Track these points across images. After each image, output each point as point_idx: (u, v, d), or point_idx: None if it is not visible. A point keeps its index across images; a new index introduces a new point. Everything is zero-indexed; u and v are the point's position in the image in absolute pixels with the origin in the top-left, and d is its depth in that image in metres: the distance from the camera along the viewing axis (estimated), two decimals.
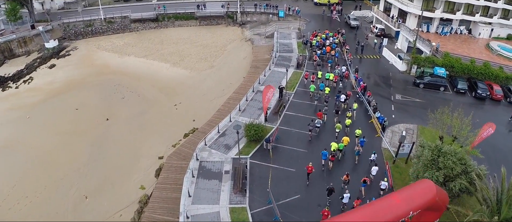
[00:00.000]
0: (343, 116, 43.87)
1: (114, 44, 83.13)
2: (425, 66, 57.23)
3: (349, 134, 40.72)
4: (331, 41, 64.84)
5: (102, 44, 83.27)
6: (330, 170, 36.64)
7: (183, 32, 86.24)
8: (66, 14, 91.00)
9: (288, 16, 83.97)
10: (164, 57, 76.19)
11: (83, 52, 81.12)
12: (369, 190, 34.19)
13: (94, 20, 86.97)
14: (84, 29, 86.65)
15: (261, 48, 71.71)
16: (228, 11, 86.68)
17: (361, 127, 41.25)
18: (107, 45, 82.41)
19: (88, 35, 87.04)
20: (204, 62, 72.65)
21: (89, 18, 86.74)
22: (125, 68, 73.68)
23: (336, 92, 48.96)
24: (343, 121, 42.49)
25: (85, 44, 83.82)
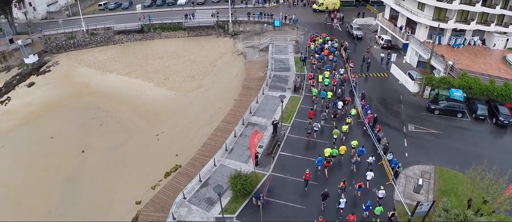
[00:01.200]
0: (341, 122, 43.79)
1: (97, 58, 78.01)
2: (439, 87, 50.48)
3: (345, 142, 40.40)
4: (330, 45, 62.90)
5: (84, 58, 78.35)
6: (326, 179, 36.26)
7: (170, 44, 79.83)
8: (48, 25, 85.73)
9: (284, 25, 77.38)
10: (148, 75, 70.05)
11: (63, 68, 76.38)
12: (365, 195, 34.57)
13: (76, 32, 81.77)
14: (66, 42, 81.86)
15: (255, 63, 65.21)
16: (218, 21, 79.89)
17: (357, 137, 40.82)
18: (89, 60, 77.41)
19: (70, 48, 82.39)
20: (191, 81, 66.22)
21: (70, 30, 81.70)
22: (106, 88, 68.64)
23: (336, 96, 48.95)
24: (341, 126, 42.10)
25: (66, 59, 79.20)
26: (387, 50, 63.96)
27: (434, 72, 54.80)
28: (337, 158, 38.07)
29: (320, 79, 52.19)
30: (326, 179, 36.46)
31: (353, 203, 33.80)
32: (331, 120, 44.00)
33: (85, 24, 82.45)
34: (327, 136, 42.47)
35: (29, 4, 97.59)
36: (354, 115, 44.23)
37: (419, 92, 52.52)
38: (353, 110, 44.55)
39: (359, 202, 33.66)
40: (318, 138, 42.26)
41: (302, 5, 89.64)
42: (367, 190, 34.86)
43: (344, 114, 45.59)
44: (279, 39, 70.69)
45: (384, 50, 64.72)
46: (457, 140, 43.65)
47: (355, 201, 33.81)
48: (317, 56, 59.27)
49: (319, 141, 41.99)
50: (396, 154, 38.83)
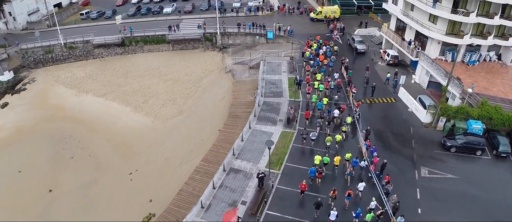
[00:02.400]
0: (337, 130, 43.16)
1: (74, 75, 72.70)
2: (456, 118, 43.61)
3: (338, 151, 39.59)
4: (325, 50, 60.45)
5: (62, 75, 73.19)
6: (318, 187, 35.53)
7: (153, 59, 73.26)
8: (27, 37, 79.45)
9: (278, 38, 70.42)
10: (126, 97, 64.14)
11: (40, 86, 71.55)
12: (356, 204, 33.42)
13: (54, 45, 75.91)
14: (44, 56, 76.41)
15: (243, 84, 58.60)
16: (205, 33, 72.92)
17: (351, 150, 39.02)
18: (66, 77, 72.25)
19: (48, 63, 77.00)
20: (172, 105, 59.73)
21: (48, 44, 75.87)
22: (80, 112, 63.40)
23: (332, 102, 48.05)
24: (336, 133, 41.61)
25: (43, 75, 74.20)
26: (393, 68, 57.03)
27: (447, 94, 47.97)
28: (331, 168, 37.20)
29: (316, 85, 49.92)
30: (318, 186, 35.82)
31: (343, 211, 32.79)
32: (326, 127, 42.91)
33: (63, 37, 76.45)
34: (321, 144, 40.70)
35: (9, 14, 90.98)
36: (349, 123, 43.08)
37: (432, 123, 45.55)
38: (348, 118, 43.21)
39: (348, 210, 32.80)
40: (314, 146, 40.85)
41: (298, 14, 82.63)
42: (360, 200, 33.93)
43: (340, 122, 44.56)
44: (272, 55, 63.82)
45: (390, 68, 57.81)
46: (478, 186, 37.19)
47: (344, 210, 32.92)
48: (311, 62, 56.76)
49: (316, 149, 40.14)
50: (407, 210, 32.43)
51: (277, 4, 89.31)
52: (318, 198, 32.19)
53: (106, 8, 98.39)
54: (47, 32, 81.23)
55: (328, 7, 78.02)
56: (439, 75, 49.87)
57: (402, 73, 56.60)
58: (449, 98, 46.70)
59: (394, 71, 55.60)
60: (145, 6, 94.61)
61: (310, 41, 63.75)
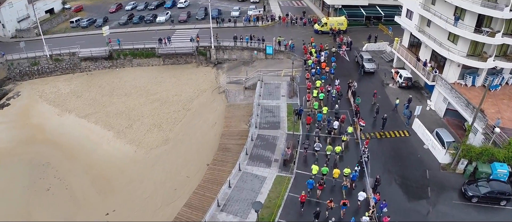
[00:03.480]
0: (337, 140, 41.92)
1: (59, 91, 68.33)
2: (479, 160, 37.32)
3: (338, 163, 38.74)
4: (325, 56, 59.26)
5: (47, 90, 69.00)
6: (317, 198, 34.56)
7: (142, 75, 67.83)
8: (14, 46, 74.99)
9: (278, 53, 64.26)
10: (109, 119, 59.22)
11: (23, 102, 67.76)
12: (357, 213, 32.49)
13: (40, 57, 71.62)
14: (30, 68, 72.47)
15: (238, 109, 52.82)
16: (199, 46, 67.00)
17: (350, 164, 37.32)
18: (51, 93, 67.99)
19: (34, 76, 73.15)
20: (158, 132, 54.17)
21: (34, 55, 71.62)
22: (61, 135, 58.58)
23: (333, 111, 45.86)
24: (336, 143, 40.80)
25: (29, 88, 70.44)
26: (406, 92, 50.99)
27: (464, 125, 42.76)
28: (331, 181, 36.05)
29: (315, 94, 48.12)
30: (317, 197, 34.85)
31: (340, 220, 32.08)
32: (326, 138, 41.85)
33: (49, 48, 72.09)
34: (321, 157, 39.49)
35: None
36: (350, 132, 41.56)
37: (451, 164, 39.24)
38: (349, 128, 41.87)
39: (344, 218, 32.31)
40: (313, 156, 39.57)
41: (301, 25, 76.29)
42: (358, 208, 33.35)
43: (340, 132, 43.06)
44: (270, 74, 57.83)
45: (403, 91, 51.61)
46: None
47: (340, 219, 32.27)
48: (313, 71, 55.09)
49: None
50: None
51: (279, 13, 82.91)
52: (317, 208, 31.66)
53: (100, 14, 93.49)
54: (36, 42, 76.23)
55: (334, 18, 71.71)
56: (459, 105, 43.85)
57: (416, 97, 50.49)
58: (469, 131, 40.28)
59: (407, 97, 49.28)
60: (138, 14, 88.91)
61: (307, 47, 62.42)
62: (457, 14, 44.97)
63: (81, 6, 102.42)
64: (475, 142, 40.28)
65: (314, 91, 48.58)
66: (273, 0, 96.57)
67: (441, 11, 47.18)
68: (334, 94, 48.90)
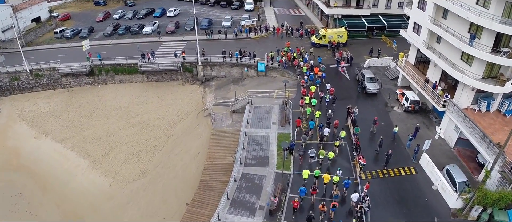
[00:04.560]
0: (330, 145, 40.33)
1: (39, 109, 63.19)
2: (495, 207, 31.22)
3: (330, 168, 37.40)
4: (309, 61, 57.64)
5: (26, 107, 64.10)
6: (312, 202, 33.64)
7: (123, 93, 62.27)
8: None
9: (271, 70, 57.96)
10: (86, 145, 53.87)
11: (2, 121, 62.88)
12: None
13: (20, 72, 66.29)
14: (10, 84, 67.12)
15: (223, 137, 46.93)
16: (184, 62, 60.88)
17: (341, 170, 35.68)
18: (30, 111, 62.99)
19: (15, 91, 68.02)
20: (135, 163, 48.47)
21: (14, 70, 66.37)
22: (36, 162, 53.72)
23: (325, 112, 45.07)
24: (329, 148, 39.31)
25: (9, 105, 65.66)
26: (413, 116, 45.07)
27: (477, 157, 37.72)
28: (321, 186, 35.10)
29: (307, 101, 46.20)
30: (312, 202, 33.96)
31: None
32: (317, 144, 40.37)
33: (29, 63, 66.73)
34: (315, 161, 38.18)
35: None
36: (343, 137, 40.65)
37: (464, 210, 33.08)
38: (342, 132, 40.86)
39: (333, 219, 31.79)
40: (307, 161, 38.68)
41: (298, 36, 69.94)
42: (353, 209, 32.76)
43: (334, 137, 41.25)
44: (261, 95, 51.80)
45: (409, 116, 45.30)
46: None
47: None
48: (305, 77, 52.96)
49: None
50: None
51: (274, 23, 76.66)
52: (310, 212, 31.09)
53: (87, 23, 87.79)
54: (19, 55, 70.01)
55: (333, 30, 65.38)
56: (473, 136, 37.85)
57: (423, 123, 44.39)
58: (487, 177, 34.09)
59: (413, 123, 43.19)
60: (125, 23, 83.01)
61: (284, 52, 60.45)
62: (473, 31, 38.57)
63: (69, 14, 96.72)
64: (490, 182, 34.06)
65: (306, 98, 46.50)
66: (268, 8, 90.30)
67: (454, 27, 41.04)
68: (328, 100, 47.22)
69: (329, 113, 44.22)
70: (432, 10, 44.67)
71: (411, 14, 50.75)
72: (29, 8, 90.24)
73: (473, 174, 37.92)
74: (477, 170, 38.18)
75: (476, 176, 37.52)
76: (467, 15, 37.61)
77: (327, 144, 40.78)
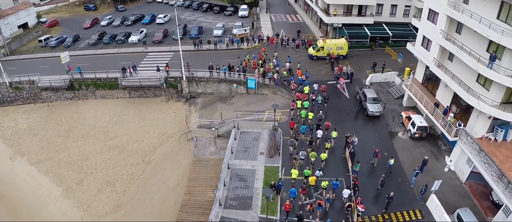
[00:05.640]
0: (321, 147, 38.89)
1: (17, 125, 58.92)
2: None
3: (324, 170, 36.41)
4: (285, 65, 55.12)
5: (5, 123, 60.02)
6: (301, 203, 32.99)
7: (103, 111, 57.52)
8: None
9: (262, 88, 52.13)
10: (60, 170, 48.97)
11: None
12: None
13: (0, 85, 61.54)
14: None
15: (205, 167, 41.59)
16: (168, 77, 55.18)
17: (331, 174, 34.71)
18: (9, 127, 58.76)
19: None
20: (110, 193, 43.91)
21: None
22: (9, 186, 49.27)
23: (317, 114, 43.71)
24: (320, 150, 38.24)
25: None
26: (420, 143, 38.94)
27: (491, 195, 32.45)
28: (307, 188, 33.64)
29: (299, 105, 44.89)
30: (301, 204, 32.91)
31: None
32: (307, 147, 38.85)
33: (8, 75, 62.12)
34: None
35: None
36: (335, 137, 39.50)
37: None
38: (334, 132, 39.77)
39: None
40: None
41: (294, 47, 63.95)
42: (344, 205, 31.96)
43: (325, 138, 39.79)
44: (250, 117, 45.99)
45: (415, 143, 39.42)
46: None
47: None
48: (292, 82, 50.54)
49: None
50: None
51: (269, 31, 70.73)
52: (299, 211, 30.83)
53: (74, 30, 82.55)
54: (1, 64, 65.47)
55: (332, 41, 59.33)
56: (489, 174, 32.32)
57: (431, 151, 38.76)
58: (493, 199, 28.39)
59: (420, 153, 37.35)
60: (112, 31, 77.60)
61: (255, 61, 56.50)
62: (493, 51, 32.52)
63: (56, 20, 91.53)
64: None
65: (298, 102, 45.26)
66: (264, 14, 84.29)
67: (470, 44, 35.11)
68: (320, 102, 46.19)
69: (320, 114, 42.98)
70: (445, 23, 38.72)
71: (420, 27, 44.80)
72: (16, 14, 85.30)
73: (487, 215, 32.59)
74: (491, 209, 32.95)
75: (490, 217, 32.22)
76: (487, 33, 31.55)
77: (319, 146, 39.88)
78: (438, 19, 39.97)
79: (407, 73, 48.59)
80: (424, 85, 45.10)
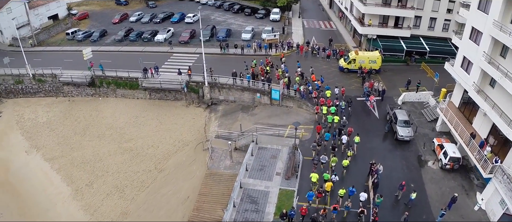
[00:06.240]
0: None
1: (37, 117, 59.65)
2: None
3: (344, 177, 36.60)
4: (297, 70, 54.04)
5: (26, 114, 60.85)
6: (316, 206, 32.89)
7: (122, 111, 57.14)
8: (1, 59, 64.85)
9: (287, 100, 49.95)
10: (72, 170, 48.76)
11: (0, 127, 59.28)
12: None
13: (23, 76, 62.89)
14: (14, 87, 64.17)
15: (218, 182, 40.07)
16: (190, 82, 53.78)
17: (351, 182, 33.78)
18: (29, 119, 59.61)
19: (19, 94, 65.33)
20: (118, 199, 43.24)
21: (18, 73, 62.97)
22: (21, 181, 49.47)
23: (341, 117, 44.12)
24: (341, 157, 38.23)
25: (11, 109, 63.02)
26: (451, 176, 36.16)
27: None
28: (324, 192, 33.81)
29: (324, 111, 44.72)
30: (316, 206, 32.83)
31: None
32: (330, 153, 38.23)
33: (32, 67, 62.96)
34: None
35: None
36: (357, 142, 39.19)
37: None
38: (356, 137, 39.34)
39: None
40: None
41: (325, 57, 61.38)
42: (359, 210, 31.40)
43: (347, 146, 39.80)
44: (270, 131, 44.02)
45: (446, 175, 36.45)
46: None
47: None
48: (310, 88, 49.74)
49: None
50: None
51: (301, 37, 68.33)
52: (313, 214, 30.85)
53: (103, 25, 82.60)
54: (27, 55, 66.53)
55: (365, 54, 56.42)
56: None
57: (462, 186, 35.94)
58: None
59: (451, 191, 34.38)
60: (141, 28, 77.48)
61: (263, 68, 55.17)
62: None
63: (87, 13, 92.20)
64: None
65: (324, 108, 45.03)
66: (297, 19, 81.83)
67: None
68: (343, 107, 45.99)
69: (344, 119, 43.26)
70: (489, 45, 35.43)
71: (461, 46, 41.57)
72: (47, 5, 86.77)
73: None
74: None
75: None
76: None
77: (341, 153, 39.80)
78: (482, 40, 36.83)
79: (443, 94, 45.43)
80: (460, 111, 41.87)
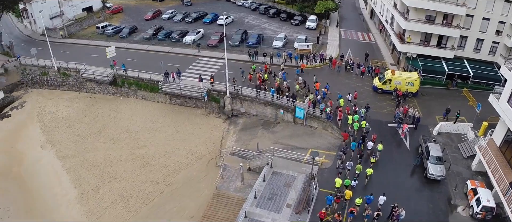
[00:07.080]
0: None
1: (58, 111, 60.56)
2: None
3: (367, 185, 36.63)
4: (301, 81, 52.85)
5: (48, 107, 62.00)
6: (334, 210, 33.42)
7: (140, 113, 56.94)
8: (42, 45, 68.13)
9: (312, 119, 47.10)
10: (82, 171, 48.33)
11: (22, 117, 61.60)
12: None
13: (49, 68, 64.06)
14: (40, 78, 65.78)
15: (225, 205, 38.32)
16: (211, 90, 51.86)
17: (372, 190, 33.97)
18: (50, 112, 60.59)
19: (44, 85, 67.15)
20: (121, 210, 42.46)
21: (43, 64, 64.22)
22: (32, 176, 49.66)
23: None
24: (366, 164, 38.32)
25: (35, 100, 64.65)
26: None
27: None
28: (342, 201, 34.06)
29: (350, 121, 44.09)
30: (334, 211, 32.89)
31: None
32: (357, 159, 38.83)
33: (57, 60, 63.78)
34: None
35: (31, 15, 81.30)
36: (380, 150, 39.54)
37: None
38: (379, 145, 39.67)
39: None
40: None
41: (359, 74, 57.73)
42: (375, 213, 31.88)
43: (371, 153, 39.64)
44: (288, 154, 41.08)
45: None
46: None
47: None
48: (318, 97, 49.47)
49: None
50: None
51: (335, 51, 65.05)
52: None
53: (135, 20, 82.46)
54: (55, 46, 68.05)
55: (402, 74, 52.56)
56: None
57: None
58: None
59: None
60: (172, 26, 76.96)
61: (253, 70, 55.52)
62: None
63: (121, 7, 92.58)
64: None
65: (349, 117, 44.50)
66: (334, 28, 78.35)
67: None
68: (363, 114, 45.45)
69: (367, 126, 42.83)
70: None
71: (509, 79, 37.29)
72: None
73: None
74: None
75: None
76: None
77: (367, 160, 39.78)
78: None
79: (483, 129, 41.34)
80: (501, 151, 37.70)
